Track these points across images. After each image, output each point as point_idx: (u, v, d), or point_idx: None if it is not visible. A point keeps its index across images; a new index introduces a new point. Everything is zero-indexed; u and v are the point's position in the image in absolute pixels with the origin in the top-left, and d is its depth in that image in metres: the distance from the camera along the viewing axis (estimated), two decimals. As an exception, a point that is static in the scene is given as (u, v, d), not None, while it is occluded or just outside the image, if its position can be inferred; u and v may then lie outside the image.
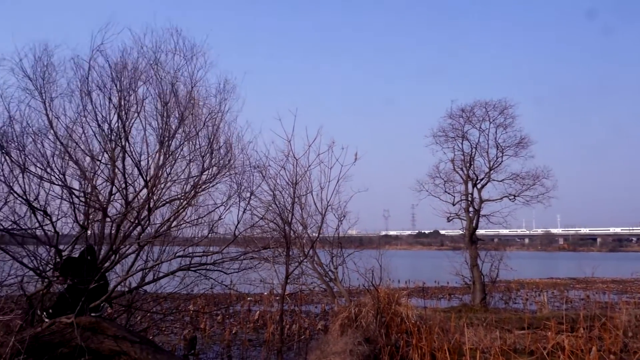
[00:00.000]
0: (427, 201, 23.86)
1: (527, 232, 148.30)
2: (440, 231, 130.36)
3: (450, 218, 22.51)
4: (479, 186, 21.96)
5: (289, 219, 11.36)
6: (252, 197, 9.42)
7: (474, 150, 22.05)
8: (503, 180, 21.84)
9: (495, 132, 21.74)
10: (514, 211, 21.49)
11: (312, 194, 12.17)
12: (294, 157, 11.32)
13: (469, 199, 21.97)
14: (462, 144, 22.25)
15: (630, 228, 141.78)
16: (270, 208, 11.28)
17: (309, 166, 11.51)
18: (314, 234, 12.42)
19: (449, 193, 22.45)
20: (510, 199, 21.60)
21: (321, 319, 16.21)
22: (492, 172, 21.76)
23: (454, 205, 22.33)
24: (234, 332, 13.76)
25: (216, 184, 9.07)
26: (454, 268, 22.05)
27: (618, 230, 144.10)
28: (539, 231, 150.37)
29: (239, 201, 8.91)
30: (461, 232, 23.07)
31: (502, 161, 21.70)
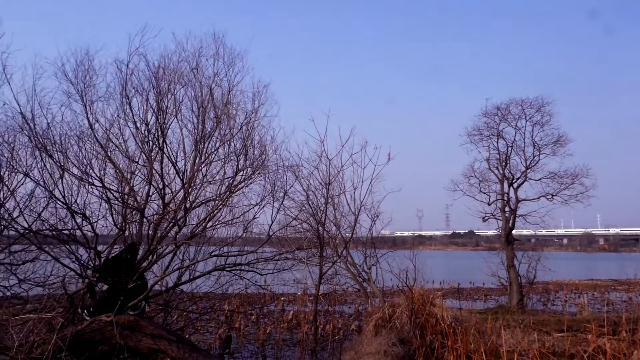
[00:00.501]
0: (461, 201, 23.56)
1: (566, 232, 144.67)
2: (475, 231, 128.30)
3: (486, 218, 22.10)
4: (515, 185, 21.49)
5: (323, 220, 11.36)
6: (286, 197, 9.45)
7: (509, 148, 21.58)
8: (540, 179, 21.30)
9: (532, 130, 21.22)
10: (551, 211, 20.92)
11: (345, 194, 12.16)
12: (327, 158, 11.32)
13: (505, 198, 21.53)
14: (497, 142, 21.81)
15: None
16: (304, 208, 11.31)
17: (342, 166, 11.51)
18: (347, 235, 12.40)
19: (484, 192, 22.06)
20: (547, 199, 21.05)
21: (355, 319, 16.16)
22: (528, 170, 21.25)
23: (489, 205, 21.92)
24: (268, 331, 13.84)
25: (250, 184, 9.15)
26: (490, 269, 21.63)
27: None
28: (579, 231, 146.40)
29: (273, 201, 8.97)
30: (497, 232, 22.56)
31: (539, 160, 21.17)
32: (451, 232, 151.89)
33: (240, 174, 9.02)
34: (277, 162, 9.65)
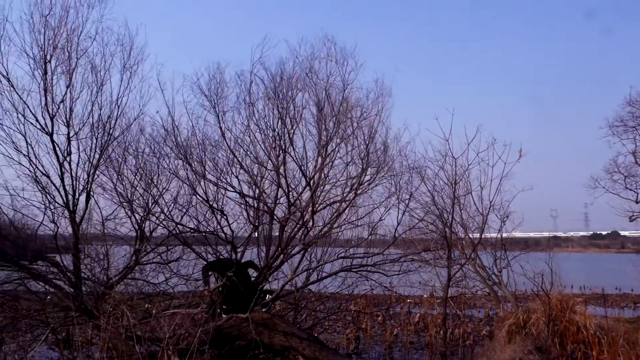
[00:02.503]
0: (603, 199, 21.39)
1: None
2: (620, 232, 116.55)
3: (634, 217, 19.93)
4: (668, 180, 19.18)
5: (449, 221, 11.04)
6: (411, 198, 9.33)
7: (659, 140, 19.31)
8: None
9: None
10: None
11: (471, 194, 11.70)
12: (453, 157, 10.97)
13: (657, 194, 19.29)
14: (644, 133, 19.64)
15: None
16: (429, 210, 11.08)
17: (469, 166, 11.09)
18: (475, 236, 11.92)
19: (630, 189, 19.87)
20: None
21: (486, 324, 15.47)
22: (684, 163, 18.84)
23: (637, 202, 19.75)
24: (394, 333, 13.74)
25: (374, 185, 9.18)
26: (640, 273, 19.48)
27: None
28: None
29: (398, 203, 8.90)
30: (647, 232, 20.30)
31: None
32: (591, 233, 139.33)
33: (364, 174, 9.09)
34: (401, 163, 9.57)
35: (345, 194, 9.08)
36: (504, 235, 12.11)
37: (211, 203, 8.54)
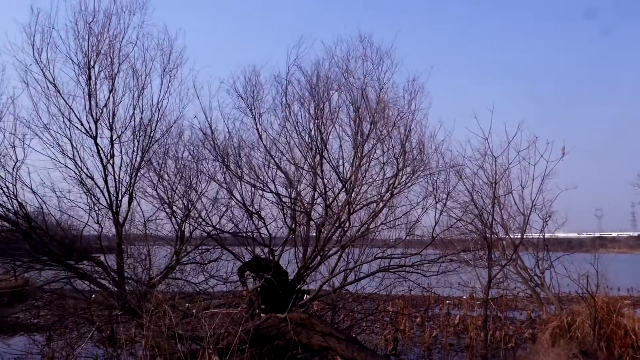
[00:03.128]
0: (652, 197, 20.59)
1: None
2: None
3: (685, 216, 19.15)
4: None
5: (489, 221, 10.83)
6: (449, 198, 9.19)
7: None
8: None
9: None
10: None
11: (512, 194, 11.44)
12: (492, 156, 10.75)
13: None
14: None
15: None
16: (468, 209, 10.89)
17: (509, 164, 10.84)
18: (516, 236, 11.65)
19: (682, 187, 19.12)
20: None
21: (528, 326, 15.10)
22: None
23: (689, 201, 18.94)
24: (433, 335, 13.57)
25: (411, 185, 9.10)
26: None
27: None
28: None
29: (436, 202, 8.78)
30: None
31: None
32: (639, 233, 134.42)
33: (400, 174, 9.02)
34: (438, 162, 9.44)
35: (381, 195, 9.03)
36: (547, 235, 11.79)
37: (248, 206, 8.64)
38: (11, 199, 9.02)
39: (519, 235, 11.63)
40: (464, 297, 18.48)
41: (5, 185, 8.96)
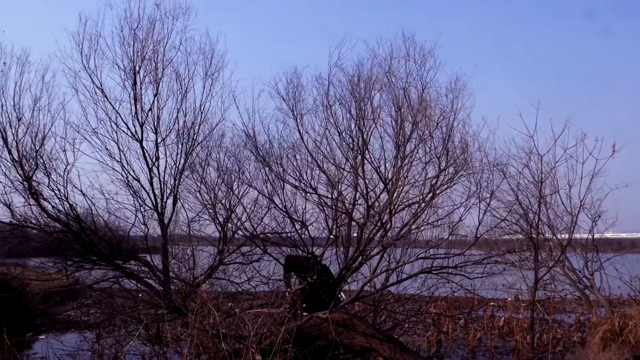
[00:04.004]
0: None
1: None
2: None
3: None
4: None
5: (535, 221, 10.53)
6: (493, 197, 8.99)
7: None
8: None
9: None
10: None
11: (558, 193, 11.08)
12: (538, 154, 10.43)
13: None
14: None
15: None
16: (513, 209, 10.61)
17: (556, 163, 10.50)
18: (563, 237, 11.28)
19: None
20: None
21: (576, 330, 14.63)
22: None
23: None
24: (478, 337, 13.32)
25: (453, 185, 8.95)
26: None
27: None
28: None
29: (479, 202, 8.60)
30: None
31: None
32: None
33: (443, 174, 8.90)
34: (481, 161, 9.25)
35: (423, 195, 8.93)
36: (596, 236, 11.37)
37: (289, 207, 8.68)
38: (62, 201, 9.38)
39: (567, 236, 11.26)
40: (509, 298, 18.04)
41: (57, 187, 9.33)
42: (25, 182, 9.22)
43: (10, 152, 9.20)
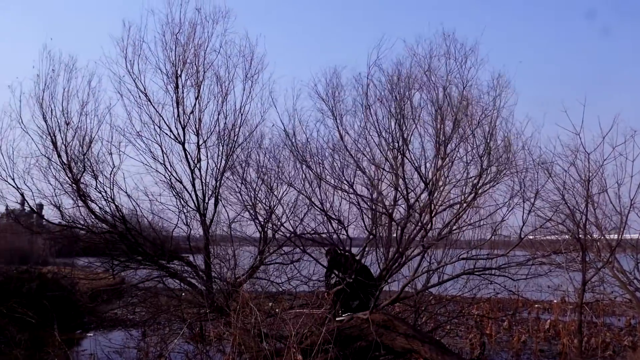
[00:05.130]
0: None
1: None
2: None
3: None
4: None
5: (583, 221, 10.19)
6: (537, 197, 8.74)
7: None
8: None
9: None
10: None
11: (607, 192, 10.68)
12: (585, 152, 10.09)
13: None
14: None
15: None
16: (558, 209, 10.29)
17: (604, 161, 10.13)
18: (612, 237, 10.88)
19: None
20: None
21: (627, 333, 14.10)
22: None
23: None
24: (522, 340, 13.00)
25: (496, 184, 8.75)
26: None
27: None
28: None
29: (523, 202, 8.39)
30: None
31: None
32: None
33: (485, 173, 8.71)
34: (525, 160, 9.01)
35: (465, 195, 8.77)
36: (647, 236, 10.92)
37: (327, 208, 8.69)
38: (109, 203, 9.69)
39: (616, 236, 10.85)
40: (555, 301, 17.56)
41: (104, 189, 9.64)
42: (73, 185, 9.57)
43: (59, 156, 9.55)
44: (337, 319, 8.02)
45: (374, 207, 8.94)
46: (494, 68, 9.15)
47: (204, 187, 9.98)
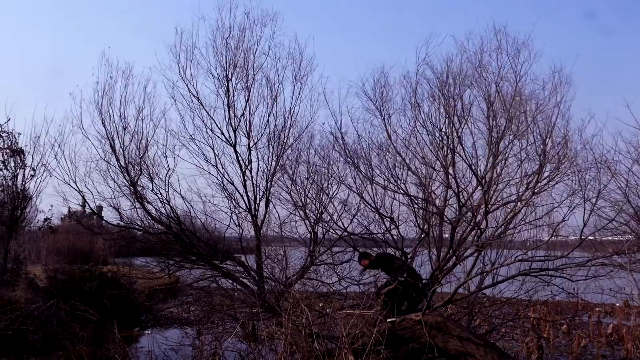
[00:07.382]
0: None
1: None
2: None
3: None
4: None
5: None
6: (599, 196, 8.35)
7: None
8: None
9: None
10: None
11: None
12: (648, 148, 9.60)
13: None
14: None
15: None
16: (622, 209, 9.81)
17: (669, 158, 9.59)
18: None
19: None
20: None
21: (698, 340, 13.30)
22: None
23: None
24: (582, 344, 12.48)
25: (554, 183, 8.42)
26: None
27: None
28: None
29: (584, 201, 8.03)
30: None
31: None
32: None
33: (542, 172, 8.41)
34: (586, 158, 8.63)
35: (520, 193, 8.49)
36: None
37: (379, 208, 8.63)
38: (164, 204, 9.99)
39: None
40: (618, 304, 16.78)
41: (159, 191, 9.95)
42: (131, 187, 9.93)
43: (117, 159, 9.94)
44: (387, 320, 7.93)
45: (424, 206, 8.80)
46: (552, 61, 8.76)
47: (255, 189, 10.14)
